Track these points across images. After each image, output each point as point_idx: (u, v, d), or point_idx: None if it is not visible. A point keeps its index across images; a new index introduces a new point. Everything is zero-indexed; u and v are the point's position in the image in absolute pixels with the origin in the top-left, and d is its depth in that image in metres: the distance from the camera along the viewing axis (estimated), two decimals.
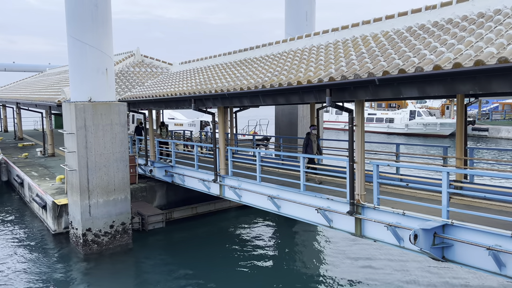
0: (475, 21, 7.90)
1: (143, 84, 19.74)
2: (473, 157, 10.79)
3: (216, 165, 13.20)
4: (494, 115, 56.13)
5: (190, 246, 14.33)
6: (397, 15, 10.23)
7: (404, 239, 7.82)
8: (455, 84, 6.40)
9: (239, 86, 10.96)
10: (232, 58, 16.67)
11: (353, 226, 8.91)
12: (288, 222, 15.87)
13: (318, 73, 9.13)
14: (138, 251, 13.88)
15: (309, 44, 13.02)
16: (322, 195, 9.67)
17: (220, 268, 12.32)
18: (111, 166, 13.81)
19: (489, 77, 5.94)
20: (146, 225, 15.48)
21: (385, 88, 7.33)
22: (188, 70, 18.86)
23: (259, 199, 11.58)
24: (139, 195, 17.20)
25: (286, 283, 11.52)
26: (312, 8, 18.97)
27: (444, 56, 6.65)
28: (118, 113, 13.88)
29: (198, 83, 14.44)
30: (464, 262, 7.09)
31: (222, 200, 17.46)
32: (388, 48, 8.57)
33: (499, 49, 6.12)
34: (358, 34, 11.17)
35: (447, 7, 9.11)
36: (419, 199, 9.12)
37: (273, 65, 12.44)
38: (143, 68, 22.54)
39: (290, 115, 19.68)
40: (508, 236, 6.49)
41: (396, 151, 12.26)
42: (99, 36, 13.26)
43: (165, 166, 16.34)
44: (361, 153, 8.75)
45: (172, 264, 12.67)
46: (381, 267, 12.26)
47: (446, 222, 7.26)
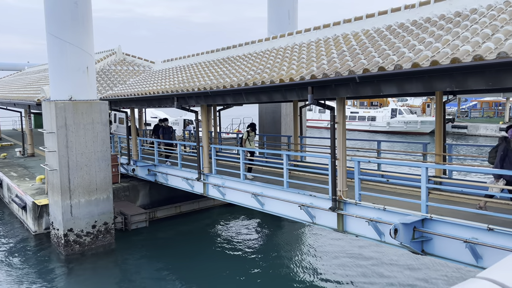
0: (452, 20, 8.09)
1: (125, 82, 19.54)
2: (452, 153, 11.05)
3: (200, 164, 13.18)
4: (472, 113, 57.42)
5: (174, 245, 14.27)
6: (377, 14, 10.39)
7: (385, 234, 7.97)
8: (432, 81, 6.56)
9: (222, 84, 10.97)
10: (215, 56, 16.64)
11: (335, 222, 9.04)
12: (273, 219, 15.97)
13: (300, 71, 9.21)
14: (121, 251, 13.76)
15: (292, 42, 13.10)
16: (305, 192, 9.76)
17: (205, 267, 12.32)
18: (93, 165, 13.65)
19: (465, 74, 6.11)
20: (129, 224, 15.35)
21: (365, 85, 7.45)
22: (171, 68, 18.74)
23: (243, 197, 11.62)
24: (121, 195, 17.03)
25: (271, 280, 11.60)
26: (294, 7, 19.08)
27: (422, 54, 6.81)
28: (99, 112, 13.72)
29: (180, 81, 14.37)
30: (442, 255, 7.27)
31: (206, 199, 17.44)
32: (369, 46, 8.70)
33: (475, 47, 6.30)
34: (339, 33, 11.30)
35: (425, 6, 9.30)
36: (399, 194, 9.30)
37: (256, 63, 12.48)
38: (125, 66, 22.29)
39: (274, 113, 19.77)
40: (484, 229, 6.68)
41: (377, 148, 12.45)
42: (79, 34, 13.07)
43: (147, 165, 16.22)
44: (343, 150, 8.87)
45: (155, 264, 12.61)
46: (363, 261, 12.45)
47: (425, 217, 7.43)
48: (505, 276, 1.42)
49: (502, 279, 1.40)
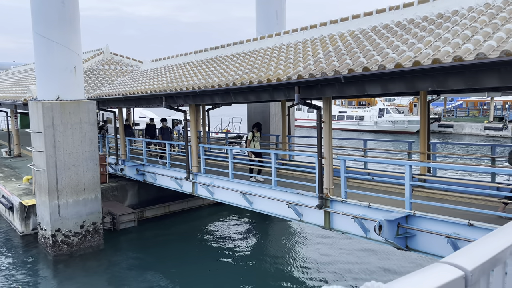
0: (434, 22, 8.30)
1: (113, 82, 19.47)
2: (436, 152, 11.30)
3: (189, 163, 13.24)
4: (458, 112, 58.30)
5: (163, 244, 14.30)
6: (363, 15, 10.57)
7: (370, 231, 8.14)
8: (415, 81, 6.74)
9: (210, 84, 11.05)
10: (203, 56, 16.70)
11: (322, 219, 9.19)
12: (261, 217, 16.10)
13: (287, 71, 9.34)
14: (110, 251, 13.74)
15: (279, 42, 13.24)
16: (293, 190, 9.90)
17: (194, 267, 12.38)
18: (81, 165, 13.60)
19: (445, 74, 6.30)
20: (118, 224, 15.33)
21: (350, 85, 7.61)
22: (159, 68, 18.74)
23: (232, 195, 11.72)
24: (110, 195, 16.99)
25: (260, 277, 11.72)
26: (282, 8, 19.22)
27: (405, 55, 6.99)
28: (87, 112, 13.68)
29: (169, 81, 14.40)
30: (425, 250, 7.47)
31: (195, 198, 17.48)
32: (354, 47, 8.87)
33: (455, 48, 6.49)
34: (326, 33, 11.46)
35: (409, 7, 9.51)
36: (384, 192, 9.47)
37: (244, 63, 12.58)
38: (113, 66, 22.20)
39: (263, 113, 19.88)
40: (465, 224, 6.89)
41: (363, 147, 12.65)
42: (66, 33, 13.02)
43: (136, 165, 16.21)
44: (329, 149, 9.03)
45: (144, 264, 12.63)
46: (349, 257, 12.64)
47: (409, 213, 7.62)
48: (463, 260, 1.55)
49: (461, 262, 1.53)
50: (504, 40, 6.09)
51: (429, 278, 1.43)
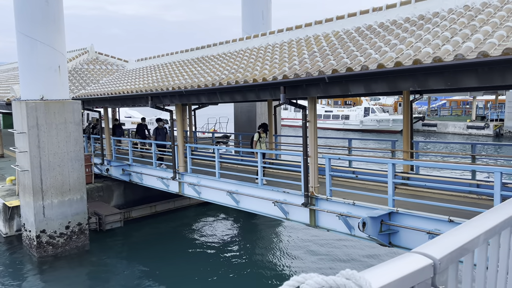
0: (416, 23, 8.50)
1: (98, 81, 19.32)
2: (419, 150, 11.54)
3: (175, 163, 13.24)
4: (442, 111, 59.29)
5: (150, 245, 14.28)
6: (347, 16, 10.74)
7: (354, 228, 8.30)
8: (397, 81, 6.91)
9: (196, 84, 11.09)
10: (189, 56, 16.71)
11: (307, 217, 9.32)
12: (248, 216, 16.18)
13: (273, 71, 9.44)
14: (96, 251, 13.67)
15: (265, 42, 13.34)
16: (279, 189, 10.01)
17: (181, 267, 12.40)
18: (66, 165, 13.49)
19: (426, 75, 6.48)
20: (104, 225, 15.23)
21: (334, 85, 7.75)
22: (145, 68, 18.67)
23: (219, 195, 11.77)
24: (95, 195, 16.86)
25: (247, 276, 11.80)
26: (268, 7, 19.32)
27: (387, 55, 7.15)
28: (72, 112, 13.57)
29: (155, 81, 14.38)
30: (408, 246, 7.65)
31: (181, 198, 17.48)
32: (338, 48, 9.02)
33: (435, 49, 6.68)
34: (311, 34, 11.60)
35: (392, 9, 9.71)
36: (368, 189, 9.66)
37: (230, 63, 12.65)
38: (98, 65, 22.01)
39: (249, 113, 19.96)
40: (446, 220, 7.09)
41: (348, 146, 12.84)
42: (50, 32, 12.89)
43: (122, 164, 16.13)
44: (314, 148, 9.16)
45: (130, 264, 12.60)
46: (334, 252, 12.82)
47: (392, 210, 7.79)
48: (432, 250, 1.66)
49: (430, 252, 1.64)
50: (481, 41, 6.29)
51: (401, 266, 1.53)
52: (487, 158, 16.10)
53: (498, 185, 6.55)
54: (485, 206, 7.38)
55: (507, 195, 6.76)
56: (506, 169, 7.35)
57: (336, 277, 1.26)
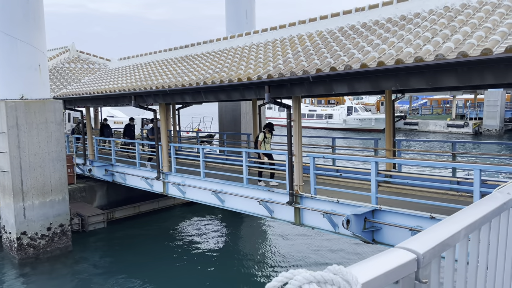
0: (397, 23, 8.64)
1: (80, 80, 19.03)
2: (401, 148, 11.73)
3: (159, 163, 13.15)
4: (423, 110, 60.34)
5: (133, 246, 14.15)
6: (330, 16, 10.84)
7: (338, 225, 8.40)
8: (379, 80, 7.02)
9: (180, 83, 11.03)
10: (173, 55, 16.60)
11: (292, 216, 9.39)
12: (233, 216, 16.17)
13: (257, 70, 9.47)
14: (78, 253, 13.47)
15: (249, 42, 13.36)
16: (264, 188, 10.05)
17: (165, 267, 12.32)
18: (47, 166, 13.25)
19: (408, 74, 6.60)
20: (86, 226, 15.03)
21: (318, 84, 7.82)
22: (128, 66, 18.47)
23: (204, 194, 11.75)
24: (78, 196, 16.62)
25: (233, 276, 11.81)
26: (252, 7, 19.34)
27: (370, 55, 7.25)
28: (53, 111, 13.34)
29: (138, 80, 14.25)
30: (391, 243, 7.78)
31: (166, 198, 17.36)
32: (322, 47, 9.11)
33: (416, 49, 6.81)
34: (295, 33, 11.67)
35: (374, 9, 9.84)
36: (352, 188, 9.78)
37: (215, 62, 12.62)
38: (79, 64, 21.67)
39: (233, 112, 19.95)
40: (428, 217, 7.24)
41: (332, 145, 12.97)
42: (30, 30, 12.63)
43: (105, 165, 15.93)
44: (299, 147, 9.23)
45: (114, 265, 12.46)
46: (319, 250, 12.94)
47: (375, 208, 7.91)
48: (417, 245, 1.72)
49: (414, 247, 1.69)
50: (461, 42, 6.44)
51: (386, 261, 1.57)
52: (467, 156, 16.47)
53: (477, 182, 6.72)
54: (465, 202, 7.55)
55: (486, 191, 6.95)
56: (485, 166, 7.55)
57: (324, 272, 1.29)
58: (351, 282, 1.29)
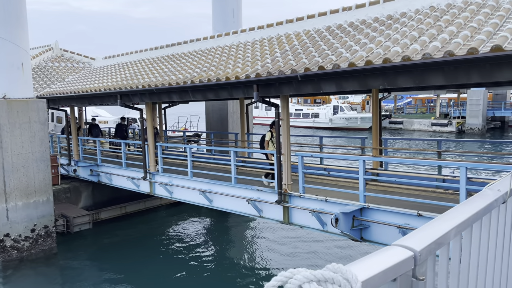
0: (384, 23, 8.71)
1: (64, 79, 18.71)
2: (387, 147, 11.84)
3: (146, 162, 13.02)
4: (407, 109, 61.12)
5: (119, 247, 13.97)
6: (318, 15, 10.87)
7: (327, 224, 8.42)
8: (367, 79, 7.06)
9: (167, 81, 10.93)
10: (159, 53, 16.45)
11: (281, 215, 9.39)
12: (221, 215, 16.11)
13: (246, 69, 9.44)
14: (63, 255, 13.25)
15: (237, 40, 13.31)
16: (252, 187, 10.03)
17: (152, 269, 12.20)
18: (31, 166, 12.99)
19: (395, 73, 6.65)
20: (71, 227, 14.79)
21: (306, 83, 7.83)
22: (113, 65, 18.23)
23: (191, 194, 11.66)
24: (62, 197, 16.35)
25: (221, 277, 11.76)
26: (238, 6, 19.29)
27: (358, 54, 7.29)
28: (37, 111, 13.08)
29: (124, 78, 14.07)
30: (379, 240, 7.84)
31: (152, 198, 17.20)
32: (310, 46, 9.12)
33: (404, 49, 6.87)
34: (282, 32, 11.67)
35: (361, 8, 9.91)
36: (340, 186, 9.82)
37: (202, 60, 12.54)
38: (63, 63, 21.30)
39: (220, 111, 19.87)
40: (415, 215, 7.31)
41: (319, 144, 13.02)
42: (13, 28, 12.35)
43: (90, 165, 15.70)
44: (287, 146, 9.23)
45: (100, 267, 12.29)
46: (308, 250, 12.98)
47: (363, 206, 7.96)
48: (412, 242, 1.71)
49: (411, 244, 1.69)
50: (447, 41, 6.52)
51: (384, 258, 1.56)
52: (453, 154, 16.72)
53: (463, 180, 6.82)
54: (451, 200, 7.66)
55: (472, 189, 7.05)
56: (471, 164, 7.66)
57: (324, 271, 1.28)
58: (351, 281, 1.27)
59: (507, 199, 2.66)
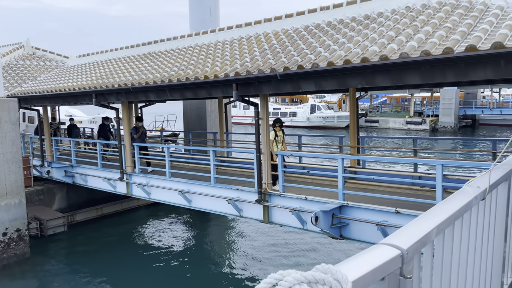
0: (362, 22, 8.81)
1: (36, 78, 18.14)
2: (364, 145, 12.00)
3: (122, 163, 12.77)
4: (383, 108, 62.23)
5: (96, 249, 13.65)
6: (296, 14, 10.90)
7: (307, 222, 8.46)
8: (346, 78, 7.12)
9: (144, 80, 10.74)
10: (135, 52, 16.16)
11: (261, 214, 9.37)
12: (200, 216, 15.98)
13: (224, 68, 9.37)
14: (37, 259, 12.85)
15: (215, 39, 13.21)
16: (232, 186, 9.97)
17: (129, 271, 11.96)
18: (1, 168, 12.53)
19: (373, 72, 6.73)
20: (45, 230, 14.36)
21: (286, 82, 7.84)
22: (88, 64, 17.81)
23: (170, 194, 11.51)
24: (35, 199, 15.86)
25: (201, 278, 11.65)
26: (216, 4, 19.18)
27: (336, 54, 7.34)
28: (7, 110, 12.62)
29: (99, 77, 13.76)
30: (358, 238, 7.93)
31: (130, 199, 16.89)
32: (288, 45, 9.13)
33: (381, 48, 6.95)
34: (260, 31, 11.65)
35: (338, 8, 9.98)
36: (319, 184, 9.87)
37: (179, 59, 12.39)
38: (35, 61, 20.66)
39: (198, 110, 19.71)
40: (393, 212, 7.42)
41: (298, 142, 13.07)
42: None
43: (64, 166, 15.29)
44: (267, 145, 9.22)
45: (75, 270, 11.97)
46: (289, 248, 13.03)
47: (342, 204, 8.03)
48: (399, 241, 1.71)
49: (398, 243, 1.69)
50: (423, 41, 6.64)
51: (372, 258, 1.55)
52: (428, 151, 17.11)
53: (439, 177, 6.96)
54: (428, 197, 7.82)
55: (448, 186, 7.22)
56: (446, 161, 7.84)
57: (314, 272, 1.25)
58: (341, 281, 1.25)
59: (486, 196, 2.71)
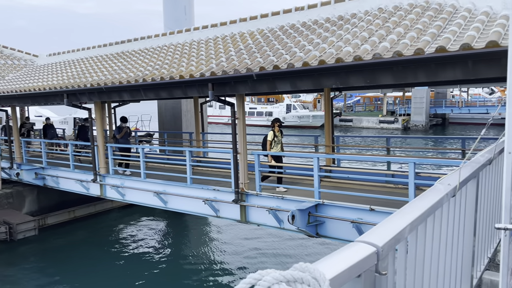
0: (336, 23, 8.93)
1: (3, 78, 17.52)
2: (339, 144, 12.17)
3: (95, 164, 12.50)
4: (356, 107, 63.29)
5: (69, 253, 13.32)
6: (271, 14, 10.95)
7: (284, 221, 8.51)
8: (321, 78, 7.21)
9: (117, 80, 10.55)
10: (108, 51, 15.85)
11: (238, 214, 9.36)
12: (176, 217, 15.83)
13: (200, 67, 9.31)
14: (6, 264, 12.42)
15: (190, 38, 13.11)
16: (209, 187, 9.92)
17: (103, 275, 11.71)
18: None
19: (347, 72, 6.84)
20: (15, 234, 13.90)
21: (262, 82, 7.87)
22: (58, 63, 17.34)
23: (145, 196, 11.35)
24: (4, 202, 15.33)
25: (177, 280, 11.55)
26: (190, 3, 19.04)
27: (311, 54, 7.42)
28: None
29: (70, 77, 13.42)
30: (334, 236, 8.04)
31: (103, 201, 16.55)
32: (264, 45, 9.16)
33: (355, 49, 7.07)
34: (236, 31, 11.64)
35: (313, 9, 10.09)
36: (295, 183, 9.96)
37: (154, 58, 12.23)
38: (2, 60, 19.94)
39: (174, 110, 19.49)
40: (367, 209, 7.56)
41: None
42: None
43: (34, 168, 14.84)
44: (243, 145, 9.23)
45: (47, 276, 11.64)
46: (266, 247, 13.07)
47: (318, 202, 8.13)
48: (375, 238, 1.75)
49: (373, 240, 1.72)
50: (396, 42, 6.79)
51: (349, 255, 1.58)
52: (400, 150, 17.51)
53: (412, 174, 7.14)
54: (401, 194, 8.02)
55: (420, 183, 7.41)
56: (418, 159, 8.04)
57: (293, 271, 1.27)
58: (319, 279, 1.27)
59: (456, 193, 2.81)
